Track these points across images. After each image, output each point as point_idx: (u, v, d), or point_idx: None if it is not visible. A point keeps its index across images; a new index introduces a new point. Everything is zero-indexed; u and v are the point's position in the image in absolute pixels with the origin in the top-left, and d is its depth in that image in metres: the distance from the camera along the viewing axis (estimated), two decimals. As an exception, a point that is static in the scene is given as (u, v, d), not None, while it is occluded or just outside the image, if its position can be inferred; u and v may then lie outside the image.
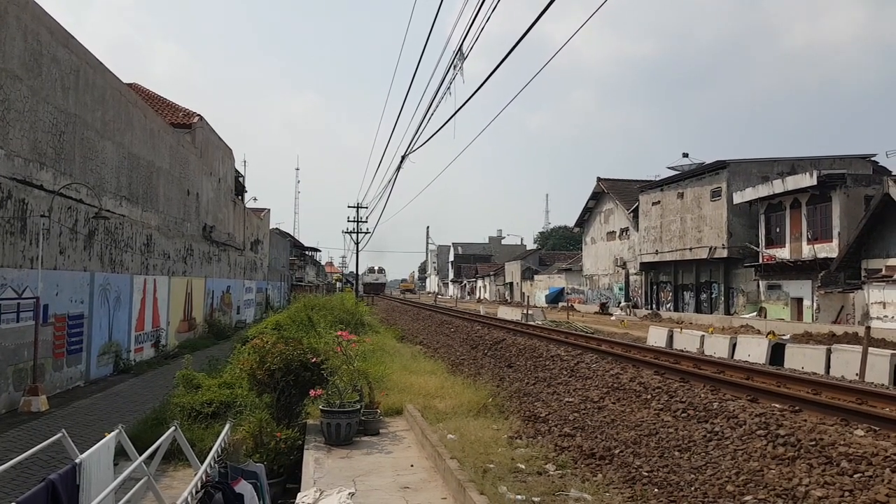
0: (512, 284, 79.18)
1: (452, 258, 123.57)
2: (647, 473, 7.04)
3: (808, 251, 30.16)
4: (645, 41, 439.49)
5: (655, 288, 45.45)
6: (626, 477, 6.99)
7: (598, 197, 54.79)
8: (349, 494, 6.01)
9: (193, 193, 23.47)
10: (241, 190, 36.78)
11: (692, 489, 6.52)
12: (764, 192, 32.48)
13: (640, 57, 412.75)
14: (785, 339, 19.08)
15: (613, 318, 39.69)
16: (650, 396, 10.43)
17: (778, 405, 9.01)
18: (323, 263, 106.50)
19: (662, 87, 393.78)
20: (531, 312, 33.70)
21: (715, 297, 38.60)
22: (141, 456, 4.77)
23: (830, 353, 14.93)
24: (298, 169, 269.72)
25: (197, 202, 24.02)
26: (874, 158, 37.73)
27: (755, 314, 32.75)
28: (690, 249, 39.36)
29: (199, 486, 4.46)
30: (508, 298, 75.21)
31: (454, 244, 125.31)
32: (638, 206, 46.20)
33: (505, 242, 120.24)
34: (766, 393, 9.92)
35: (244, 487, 4.99)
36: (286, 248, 56.39)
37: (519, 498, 6.02)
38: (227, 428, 6.24)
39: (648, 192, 44.86)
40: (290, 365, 8.76)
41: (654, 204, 43.86)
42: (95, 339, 14.80)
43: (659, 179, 45.14)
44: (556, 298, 60.48)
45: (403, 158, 21.21)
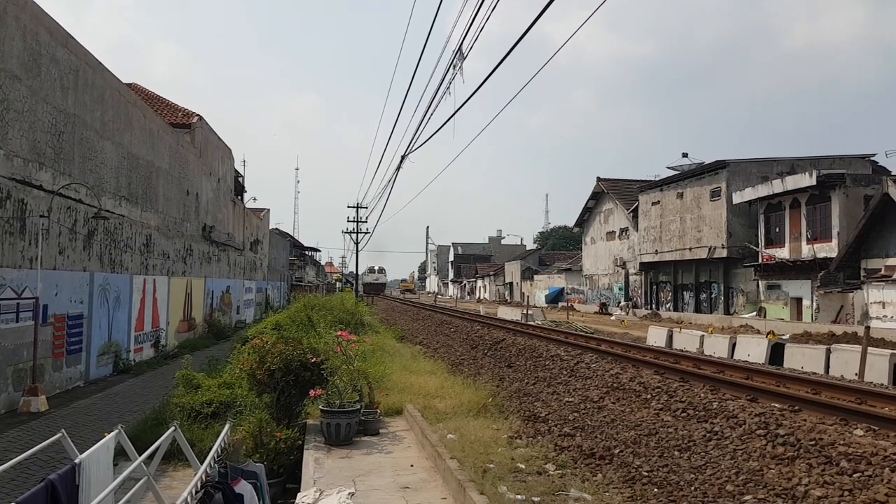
0: (512, 284, 79.20)
1: (452, 258, 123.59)
2: (646, 473, 7.04)
3: (807, 251, 30.18)
4: (645, 41, 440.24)
5: (655, 288, 45.47)
6: (625, 477, 6.99)
7: (597, 197, 54.82)
8: (349, 494, 6.00)
9: (193, 193, 23.47)
10: (240, 190, 36.79)
11: (692, 489, 6.52)
12: (763, 191, 32.50)
13: (639, 57, 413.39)
14: (784, 338, 19.09)
15: (613, 317, 39.71)
16: (650, 396, 10.43)
17: (777, 405, 9.01)
18: (323, 263, 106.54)
19: (662, 87, 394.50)
20: (531, 312, 33.70)
21: (714, 296, 38.62)
22: (141, 456, 4.77)
23: (830, 352, 14.93)
24: (298, 169, 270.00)
25: (196, 202, 24.01)
26: (873, 158, 37.78)
27: (755, 314, 32.76)
28: (690, 249, 39.38)
29: (198, 486, 4.46)
30: (508, 298, 75.22)
31: (454, 244, 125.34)
32: (638, 206, 46.22)
33: (505, 242, 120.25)
34: (765, 393, 9.93)
35: (244, 487, 4.99)
36: (286, 248, 56.40)
37: (519, 498, 6.02)
38: (226, 428, 6.24)
39: (648, 192, 44.88)
40: (289, 365, 8.76)
41: (653, 204, 43.89)
42: (95, 339, 14.80)
43: (658, 179, 45.17)
44: (555, 298, 60.50)
45: (403, 158, 21.23)
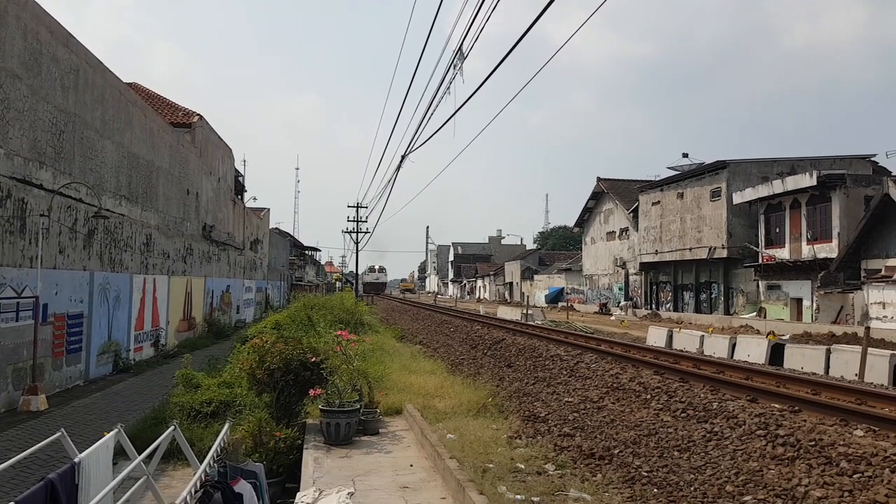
0: (512, 284, 79.20)
1: (452, 258, 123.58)
2: (646, 473, 7.04)
3: (807, 251, 30.17)
4: (645, 41, 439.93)
5: (655, 288, 45.46)
6: (625, 477, 6.98)
7: (597, 197, 54.81)
8: (348, 494, 6.00)
9: (193, 193, 23.47)
10: (240, 189, 36.82)
11: (692, 489, 6.52)
12: (764, 192, 32.49)
13: (639, 57, 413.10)
14: (784, 339, 19.09)
15: (613, 317, 39.71)
16: (650, 396, 10.42)
17: (777, 405, 9.01)
18: (322, 263, 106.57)
19: (662, 87, 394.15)
20: (531, 312, 33.69)
21: (714, 297, 38.61)
22: (140, 455, 4.77)
23: (830, 353, 14.93)
24: (298, 168, 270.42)
25: (196, 201, 24.01)
26: (874, 159, 37.77)
27: (755, 314, 32.75)
28: (690, 249, 39.37)
29: (198, 485, 4.47)
30: (508, 298, 75.22)
31: (454, 244, 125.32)
32: (638, 206, 46.21)
33: (505, 242, 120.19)
34: (765, 393, 9.92)
35: (243, 487, 4.99)
36: (286, 247, 56.41)
37: (518, 498, 6.02)
38: (226, 427, 6.24)
39: (648, 192, 44.87)
40: (289, 364, 8.76)
41: (653, 204, 43.88)
42: (95, 338, 14.80)
43: (659, 179, 45.15)
44: (555, 298, 60.49)
45: (403, 158, 21.23)
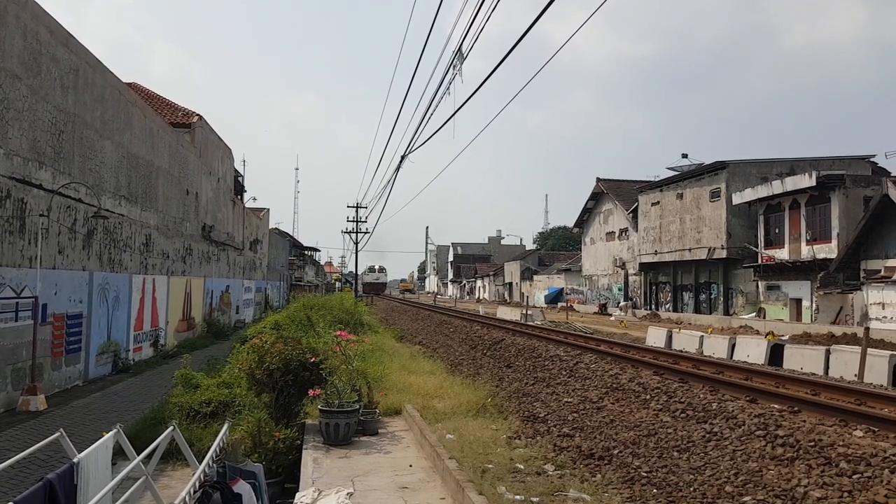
0: (511, 284, 79.21)
1: (452, 258, 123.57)
2: (645, 474, 7.03)
3: (807, 252, 30.18)
4: (645, 41, 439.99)
5: (654, 288, 45.47)
6: (624, 477, 6.98)
7: (597, 197, 54.83)
8: (347, 494, 5.99)
9: (193, 193, 23.46)
10: (240, 189, 36.80)
11: (691, 490, 6.52)
12: (763, 192, 32.51)
13: (639, 57, 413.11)
14: (784, 339, 19.08)
15: (612, 318, 39.72)
16: (649, 397, 10.42)
17: (777, 406, 9.01)
18: (322, 263, 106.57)
19: (662, 87, 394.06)
20: (530, 313, 33.69)
21: (714, 297, 38.62)
22: (139, 455, 4.76)
23: (829, 353, 14.92)
24: (298, 169, 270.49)
25: (196, 202, 24.00)
26: (873, 159, 37.82)
27: (754, 315, 32.76)
28: (689, 250, 39.38)
29: (197, 485, 4.46)
30: (508, 298, 75.21)
31: (453, 244, 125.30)
32: (637, 206, 46.23)
33: (504, 242, 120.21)
34: (765, 393, 9.92)
35: (242, 487, 4.99)
36: (285, 247, 56.40)
37: (518, 498, 6.01)
38: (225, 428, 6.24)
39: (648, 192, 44.89)
40: (288, 365, 8.76)
41: (653, 204, 43.89)
42: (94, 338, 14.80)
43: (658, 180, 45.18)
44: (555, 299, 60.50)
45: (403, 158, 21.23)
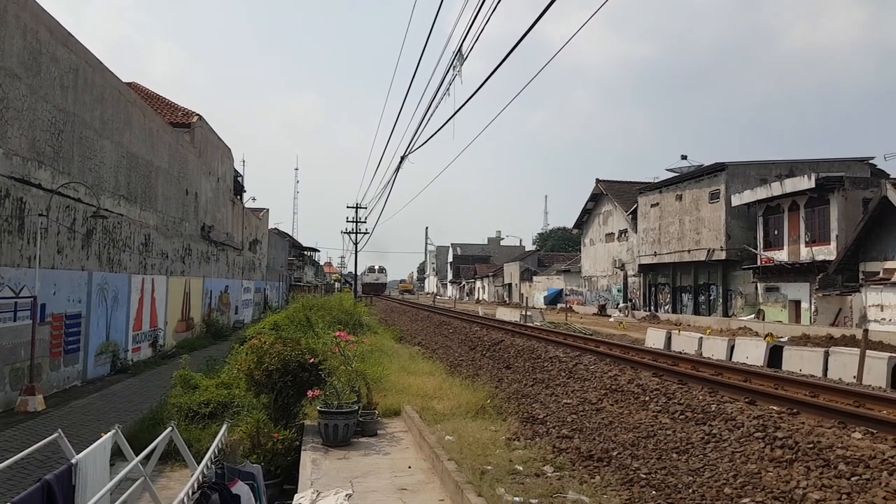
0: (511, 285, 79.21)
1: (451, 259, 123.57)
2: (644, 475, 7.03)
3: (805, 253, 30.20)
4: (644, 42, 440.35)
5: (654, 290, 45.48)
6: (623, 479, 6.98)
7: (596, 198, 54.84)
8: (346, 496, 5.99)
9: (192, 193, 23.45)
10: (239, 190, 36.78)
11: (690, 491, 6.51)
12: (762, 194, 32.53)
13: (639, 58, 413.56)
14: (783, 341, 19.07)
15: (612, 319, 39.73)
16: (648, 398, 10.42)
17: (776, 407, 9.01)
18: (322, 264, 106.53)
19: (661, 88, 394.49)
20: (530, 314, 33.70)
21: (713, 298, 38.63)
22: (137, 456, 4.76)
23: (828, 355, 14.92)
24: (297, 169, 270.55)
25: (195, 202, 23.99)
26: (872, 161, 37.85)
27: (753, 316, 32.77)
28: (689, 251, 39.40)
29: (195, 486, 4.46)
30: (507, 299, 75.22)
31: (453, 245, 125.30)
32: (636, 207, 46.24)
33: (504, 243, 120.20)
34: (763, 395, 9.92)
35: (241, 488, 4.99)
36: (285, 248, 56.37)
37: (517, 500, 6.01)
38: (224, 428, 6.23)
39: (647, 193, 44.90)
40: (287, 365, 8.76)
41: (652, 206, 43.91)
42: (93, 338, 14.78)
43: (657, 181, 45.21)
44: (554, 300, 60.49)
45: (403, 159, 21.24)
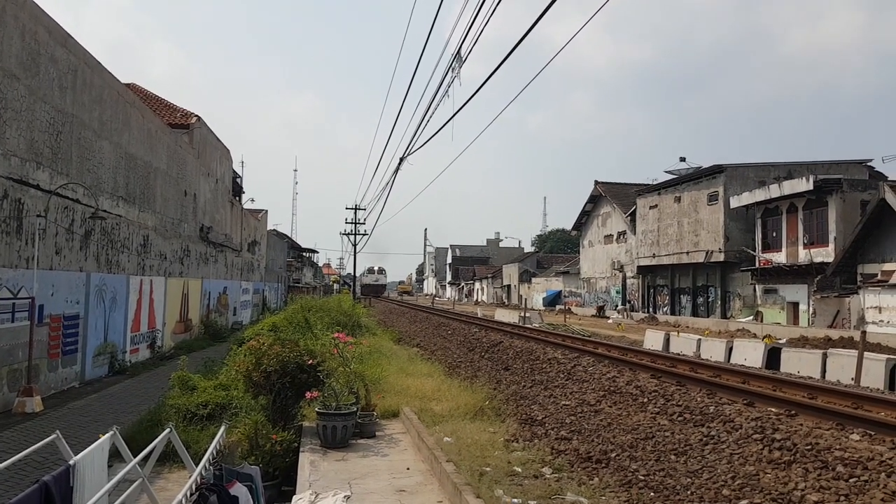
0: (509, 287, 79.22)
1: (450, 260, 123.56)
2: (643, 477, 7.03)
3: (804, 255, 30.24)
4: (643, 44, 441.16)
5: (652, 291, 45.51)
6: (622, 480, 6.97)
7: (595, 200, 54.90)
8: (345, 497, 5.99)
9: (191, 194, 23.44)
10: (238, 191, 36.77)
11: (688, 493, 6.51)
12: (761, 196, 32.57)
13: (638, 60, 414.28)
14: (781, 343, 19.09)
15: (610, 321, 39.74)
16: (647, 400, 10.42)
17: (774, 409, 9.01)
18: (320, 265, 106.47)
19: (661, 90, 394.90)
20: (528, 315, 33.70)
21: (712, 300, 38.67)
22: (135, 458, 4.75)
23: (826, 357, 14.94)
24: (297, 170, 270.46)
25: (194, 203, 23.98)
26: (870, 163, 37.92)
27: (752, 318, 32.80)
28: (687, 253, 39.44)
29: (193, 488, 4.45)
30: (506, 301, 75.22)
31: (452, 246, 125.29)
32: (635, 209, 46.29)
33: (503, 245, 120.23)
34: (762, 397, 9.92)
35: (239, 490, 4.98)
36: (283, 249, 56.33)
37: (515, 501, 6.01)
38: (222, 430, 6.22)
39: (646, 195, 44.95)
40: (286, 367, 8.75)
41: (651, 208, 43.95)
42: (91, 339, 14.76)
43: (656, 183, 45.26)
44: (553, 301, 60.52)
45: (402, 160, 21.25)
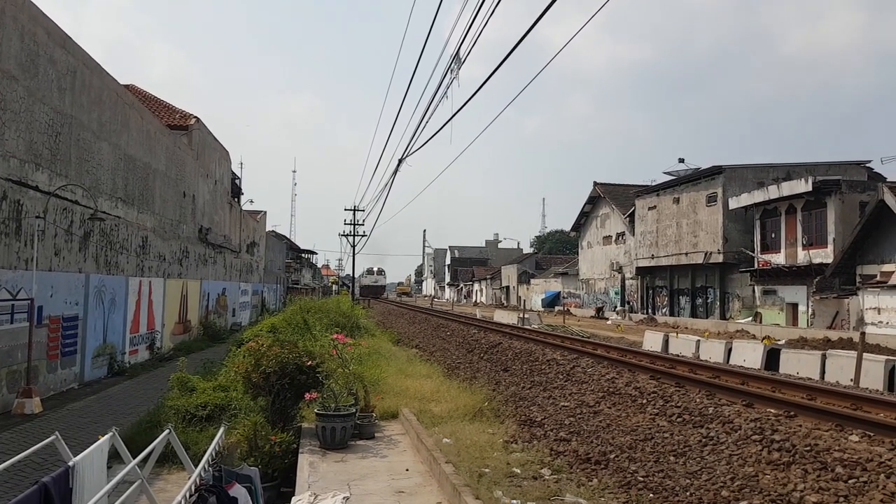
0: (508, 288, 79.22)
1: (449, 261, 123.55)
2: (642, 478, 7.03)
3: (803, 257, 30.26)
4: (643, 45, 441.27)
5: (651, 292, 45.52)
6: (621, 482, 6.97)
7: (594, 201, 54.92)
8: (344, 498, 5.98)
9: (189, 195, 23.43)
10: (237, 192, 36.79)
11: (687, 494, 6.51)
12: (759, 197, 32.59)
13: (638, 61, 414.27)
14: (780, 344, 19.10)
15: (609, 322, 39.75)
16: (646, 401, 10.43)
17: (773, 410, 9.02)
18: (319, 266, 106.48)
19: (660, 91, 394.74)
20: (527, 316, 33.70)
21: (710, 301, 38.68)
22: (135, 459, 4.74)
23: (825, 358, 14.95)
24: (295, 171, 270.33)
25: (193, 204, 23.97)
26: (869, 165, 37.98)
27: (751, 319, 32.81)
28: (686, 254, 39.46)
29: (192, 489, 4.45)
30: (505, 302, 75.22)
31: (451, 247, 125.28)
32: (634, 210, 46.32)
33: (502, 246, 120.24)
34: (761, 398, 9.93)
35: (238, 491, 4.98)
36: (282, 250, 56.31)
37: (514, 502, 6.00)
38: (221, 431, 6.22)
39: (645, 196, 44.98)
40: (285, 368, 8.75)
41: (650, 209, 43.97)
42: (90, 341, 14.75)
43: (655, 184, 45.27)
44: (552, 302, 60.52)
45: (401, 161, 21.26)
